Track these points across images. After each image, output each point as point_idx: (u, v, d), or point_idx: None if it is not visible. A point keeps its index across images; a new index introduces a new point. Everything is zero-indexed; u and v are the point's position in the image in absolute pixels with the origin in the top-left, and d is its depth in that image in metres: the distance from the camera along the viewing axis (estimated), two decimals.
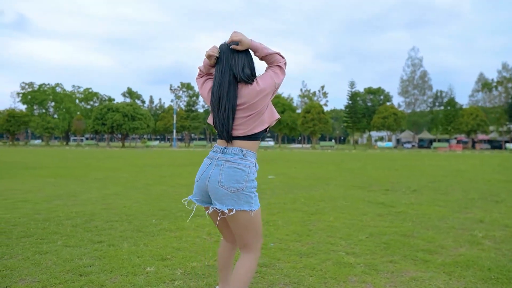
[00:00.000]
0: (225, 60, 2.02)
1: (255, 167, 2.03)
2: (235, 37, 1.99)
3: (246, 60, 2.03)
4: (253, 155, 2.04)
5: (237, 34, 2.00)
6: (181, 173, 11.78)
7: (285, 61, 2.05)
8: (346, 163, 18.34)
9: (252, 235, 2.04)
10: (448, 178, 10.60)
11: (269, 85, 1.98)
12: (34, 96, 68.96)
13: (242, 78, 1.98)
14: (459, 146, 55.16)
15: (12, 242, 3.77)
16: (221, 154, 2.01)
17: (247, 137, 2.01)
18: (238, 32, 2.01)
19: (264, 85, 1.98)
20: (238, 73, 1.98)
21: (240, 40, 1.99)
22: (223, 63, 2.03)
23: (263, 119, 2.01)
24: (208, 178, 1.99)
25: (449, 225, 4.65)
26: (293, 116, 68.61)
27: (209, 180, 1.98)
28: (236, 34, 2.00)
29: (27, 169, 12.80)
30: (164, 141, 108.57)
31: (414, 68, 68.26)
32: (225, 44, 2.09)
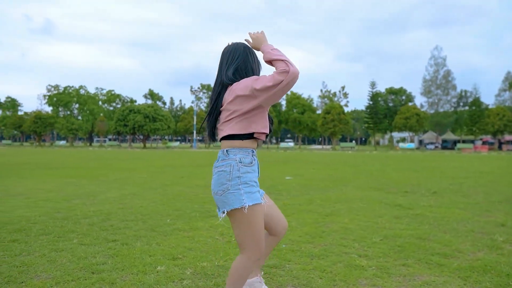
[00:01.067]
0: (220, 61, 2.05)
1: (241, 162, 1.96)
2: (252, 35, 2.08)
3: (240, 61, 2.03)
4: (237, 151, 1.98)
5: (255, 34, 2.08)
6: (199, 174, 11.88)
7: (287, 69, 1.84)
8: (365, 164, 18.08)
9: (248, 236, 1.97)
10: (470, 180, 10.30)
11: (241, 88, 1.93)
12: (60, 98, 71.06)
13: (224, 80, 2.01)
14: (485, 147, 53.49)
15: (31, 240, 3.89)
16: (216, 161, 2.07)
17: (230, 137, 2.01)
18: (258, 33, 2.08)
19: (236, 86, 1.95)
20: (221, 75, 2.03)
21: (254, 38, 2.06)
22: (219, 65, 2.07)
23: (246, 125, 1.96)
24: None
25: (468, 229, 4.51)
26: (313, 117, 68.17)
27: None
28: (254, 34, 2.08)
29: (50, 169, 13.18)
30: (184, 142, 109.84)
31: (437, 67, 66.71)
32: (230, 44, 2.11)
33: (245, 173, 1.96)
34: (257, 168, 2.08)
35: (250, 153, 2.01)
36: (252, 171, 2.00)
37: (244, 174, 1.96)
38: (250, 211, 1.94)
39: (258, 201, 1.97)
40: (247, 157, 1.99)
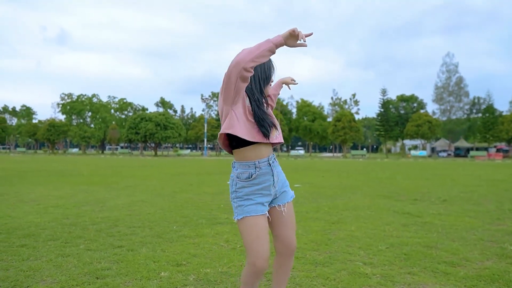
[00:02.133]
0: None
1: (238, 178, 1.99)
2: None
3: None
4: (237, 166, 2.01)
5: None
6: (208, 182, 11.92)
7: (235, 60, 1.77)
8: (376, 172, 17.92)
9: (245, 245, 1.99)
10: (482, 188, 10.12)
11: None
12: (73, 107, 72.31)
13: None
14: (499, 154, 52.50)
15: (39, 245, 3.95)
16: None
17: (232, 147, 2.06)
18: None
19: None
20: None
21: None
22: None
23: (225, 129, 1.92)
24: None
25: (477, 237, 4.43)
26: (324, 124, 67.99)
27: None
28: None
29: (62, 177, 13.37)
30: (195, 150, 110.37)
31: (449, 74, 66.08)
32: None
33: (241, 188, 1.99)
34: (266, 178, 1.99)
35: (250, 167, 1.97)
36: (250, 185, 1.98)
37: (240, 189, 1.99)
38: (240, 224, 1.99)
39: (248, 214, 1.95)
40: (245, 173, 1.97)
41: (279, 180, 2.07)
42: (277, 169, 2.06)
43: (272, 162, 2.03)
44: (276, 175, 2.04)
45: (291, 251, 2.12)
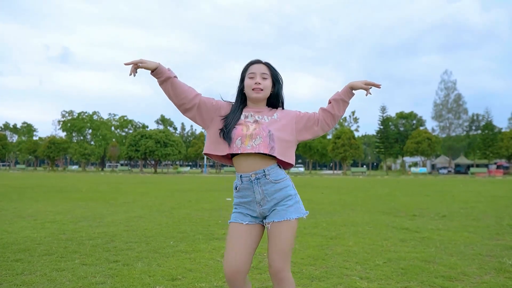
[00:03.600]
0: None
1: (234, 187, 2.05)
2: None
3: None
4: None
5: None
6: (207, 198, 11.88)
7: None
8: (375, 189, 17.86)
9: None
10: (482, 204, 10.08)
11: None
12: (73, 124, 72.53)
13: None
14: (500, 171, 52.43)
15: (34, 259, 3.92)
16: None
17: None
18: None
19: None
20: None
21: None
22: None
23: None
24: None
25: (476, 252, 4.40)
26: (323, 142, 68.05)
27: None
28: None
29: (61, 193, 13.33)
30: (195, 167, 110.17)
31: (447, 91, 66.53)
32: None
33: (235, 196, 2.04)
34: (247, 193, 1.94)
35: (237, 178, 1.99)
36: (237, 196, 2.01)
37: (234, 197, 2.05)
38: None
39: (230, 220, 2.00)
40: (235, 183, 2.01)
41: (268, 199, 1.91)
42: (265, 187, 1.90)
43: (256, 178, 1.89)
44: (260, 193, 1.91)
45: (273, 273, 1.89)
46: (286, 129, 1.95)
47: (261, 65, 2.00)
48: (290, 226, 1.89)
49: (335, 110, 2.02)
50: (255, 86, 1.95)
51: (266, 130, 1.91)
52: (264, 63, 2.02)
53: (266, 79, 1.98)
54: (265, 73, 1.98)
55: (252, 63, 2.02)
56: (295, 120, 2.00)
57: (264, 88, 1.97)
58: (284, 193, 1.92)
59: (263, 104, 2.06)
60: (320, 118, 2.02)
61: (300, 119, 2.01)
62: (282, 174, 1.95)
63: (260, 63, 2.01)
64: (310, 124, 2.01)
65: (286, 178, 1.95)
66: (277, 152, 1.89)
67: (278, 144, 1.90)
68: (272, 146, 1.88)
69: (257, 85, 1.95)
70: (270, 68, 2.01)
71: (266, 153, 1.87)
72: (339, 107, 2.03)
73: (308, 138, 2.01)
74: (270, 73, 2.00)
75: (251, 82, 1.97)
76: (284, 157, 1.91)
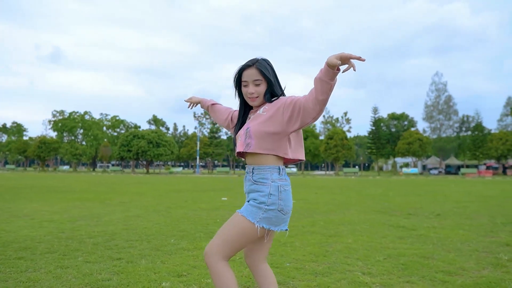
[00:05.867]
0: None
1: None
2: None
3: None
4: None
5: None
6: (203, 198, 11.89)
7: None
8: (369, 189, 18.03)
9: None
10: (474, 204, 10.25)
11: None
12: (64, 124, 71.81)
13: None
14: (489, 172, 53.22)
15: (36, 257, 3.92)
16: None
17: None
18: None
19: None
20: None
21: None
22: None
23: None
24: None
25: (472, 248, 4.51)
26: (316, 142, 68.38)
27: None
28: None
29: (55, 193, 13.23)
30: (187, 168, 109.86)
31: (438, 93, 67.34)
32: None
33: None
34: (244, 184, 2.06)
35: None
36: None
37: None
38: None
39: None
40: None
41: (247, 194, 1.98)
42: (247, 184, 1.97)
43: (247, 173, 1.98)
44: (245, 187, 2.01)
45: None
46: (270, 121, 1.89)
47: (252, 70, 1.96)
48: (235, 218, 1.89)
49: (316, 92, 1.76)
50: (249, 96, 1.99)
51: (245, 128, 1.96)
52: (256, 66, 1.97)
53: (259, 85, 1.97)
54: (257, 79, 1.96)
55: (243, 68, 2.00)
56: (283, 109, 1.87)
57: (258, 95, 1.98)
58: (256, 195, 1.89)
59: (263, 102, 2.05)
60: (303, 102, 1.82)
61: (287, 106, 1.86)
62: (266, 179, 1.89)
63: (251, 67, 1.97)
64: (296, 111, 1.84)
65: (266, 183, 1.88)
66: (253, 147, 1.90)
67: (256, 139, 1.90)
68: (247, 143, 1.91)
69: (251, 95, 1.98)
70: (261, 71, 1.97)
71: (241, 151, 1.94)
72: (319, 89, 1.74)
73: (296, 128, 1.87)
74: (262, 76, 1.97)
75: (245, 90, 2.00)
76: (263, 150, 1.89)
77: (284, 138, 1.90)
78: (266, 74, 1.96)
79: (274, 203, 1.85)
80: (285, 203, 1.89)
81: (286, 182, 1.93)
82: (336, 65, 1.64)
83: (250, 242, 1.92)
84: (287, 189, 1.92)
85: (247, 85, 1.99)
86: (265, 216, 1.84)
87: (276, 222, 1.87)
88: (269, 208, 1.85)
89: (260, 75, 1.96)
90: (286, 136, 1.90)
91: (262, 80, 1.96)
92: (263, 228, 1.85)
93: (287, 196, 1.90)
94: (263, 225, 1.84)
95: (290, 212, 1.93)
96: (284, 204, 1.88)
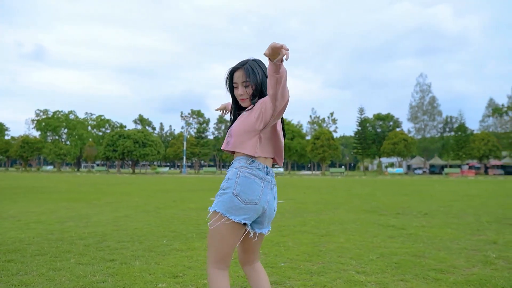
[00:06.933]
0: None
1: None
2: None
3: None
4: None
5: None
6: (191, 198, 11.83)
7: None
8: (356, 189, 18.21)
9: None
10: (459, 203, 10.46)
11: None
12: (48, 123, 70.50)
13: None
14: (472, 171, 54.35)
15: (27, 260, 3.84)
16: (270, 176, 1.96)
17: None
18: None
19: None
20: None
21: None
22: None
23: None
24: (267, 202, 1.91)
25: (461, 246, 4.61)
26: (302, 142, 68.71)
27: (268, 205, 1.92)
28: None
29: (41, 193, 12.99)
30: (174, 168, 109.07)
31: (422, 94, 68.41)
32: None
33: None
34: None
35: None
36: None
37: None
38: None
39: None
40: None
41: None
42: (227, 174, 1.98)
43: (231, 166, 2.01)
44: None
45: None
46: (248, 119, 1.92)
47: (241, 72, 2.00)
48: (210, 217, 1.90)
49: (267, 88, 1.77)
50: (239, 98, 2.02)
51: (230, 128, 2.03)
52: (243, 68, 1.99)
53: (248, 86, 1.99)
54: (245, 81, 1.99)
55: (233, 71, 2.03)
56: (256, 109, 1.90)
57: (248, 96, 2.01)
58: (223, 182, 1.91)
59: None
60: (267, 101, 1.83)
61: (258, 106, 1.89)
62: (233, 166, 1.92)
63: (240, 69, 2.00)
64: (263, 110, 1.85)
65: (231, 170, 1.92)
66: (231, 145, 1.94)
67: (235, 138, 1.94)
68: (227, 142, 1.98)
69: (241, 96, 2.01)
70: (247, 74, 1.99)
71: (222, 149, 1.98)
72: (268, 83, 1.74)
73: (261, 126, 1.88)
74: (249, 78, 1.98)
75: (236, 92, 2.04)
76: (237, 149, 1.92)
77: (255, 137, 1.91)
78: (251, 76, 1.98)
79: (229, 187, 1.84)
80: (243, 189, 1.83)
81: (252, 171, 1.87)
82: (267, 56, 1.63)
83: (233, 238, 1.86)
84: (248, 177, 1.85)
85: (237, 86, 2.02)
86: (220, 200, 1.84)
87: (231, 208, 1.81)
88: (225, 192, 1.85)
89: (247, 77, 1.98)
90: (257, 135, 1.91)
91: (251, 81, 1.98)
92: (219, 213, 1.82)
93: (246, 183, 1.84)
94: (218, 209, 1.82)
95: (254, 204, 1.84)
96: (241, 190, 1.82)
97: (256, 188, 1.86)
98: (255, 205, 1.85)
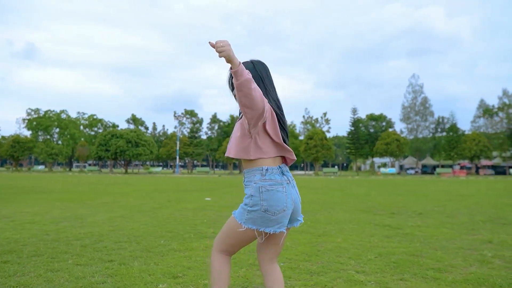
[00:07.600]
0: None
1: None
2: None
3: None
4: None
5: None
6: (186, 198, 11.79)
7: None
8: (350, 189, 18.30)
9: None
10: (453, 203, 10.56)
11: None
12: (39, 122, 69.79)
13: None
14: (463, 171, 54.91)
15: (23, 261, 3.80)
16: (287, 174, 1.97)
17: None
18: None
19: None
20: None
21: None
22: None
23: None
24: (293, 201, 1.95)
25: (457, 246, 4.65)
26: (296, 142, 68.84)
27: (294, 203, 1.96)
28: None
29: (34, 193, 12.85)
30: (166, 168, 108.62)
31: (415, 94, 68.95)
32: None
33: None
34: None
35: None
36: None
37: None
38: None
39: None
40: None
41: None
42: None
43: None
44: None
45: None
46: (240, 123, 1.95)
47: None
48: (231, 218, 1.98)
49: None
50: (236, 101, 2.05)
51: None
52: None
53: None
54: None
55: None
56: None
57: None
58: (244, 197, 1.94)
59: None
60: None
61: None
62: (250, 181, 1.93)
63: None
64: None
65: (249, 185, 1.92)
66: (233, 153, 1.95)
67: (234, 145, 1.95)
68: (229, 149, 1.99)
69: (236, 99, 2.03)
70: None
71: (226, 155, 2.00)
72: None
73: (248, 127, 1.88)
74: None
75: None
76: (237, 155, 1.93)
77: (247, 140, 1.91)
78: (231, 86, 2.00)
79: (256, 204, 1.86)
80: (270, 203, 1.85)
81: (271, 182, 1.88)
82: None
83: (246, 240, 1.95)
84: (271, 189, 1.87)
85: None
86: (249, 217, 1.87)
87: (263, 223, 1.86)
88: (252, 209, 1.87)
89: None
90: (249, 138, 1.91)
91: None
92: (251, 229, 1.88)
93: (271, 196, 1.86)
94: (250, 225, 1.88)
95: (283, 212, 1.87)
96: (268, 204, 1.85)
97: (281, 196, 1.88)
98: (284, 212, 1.89)
